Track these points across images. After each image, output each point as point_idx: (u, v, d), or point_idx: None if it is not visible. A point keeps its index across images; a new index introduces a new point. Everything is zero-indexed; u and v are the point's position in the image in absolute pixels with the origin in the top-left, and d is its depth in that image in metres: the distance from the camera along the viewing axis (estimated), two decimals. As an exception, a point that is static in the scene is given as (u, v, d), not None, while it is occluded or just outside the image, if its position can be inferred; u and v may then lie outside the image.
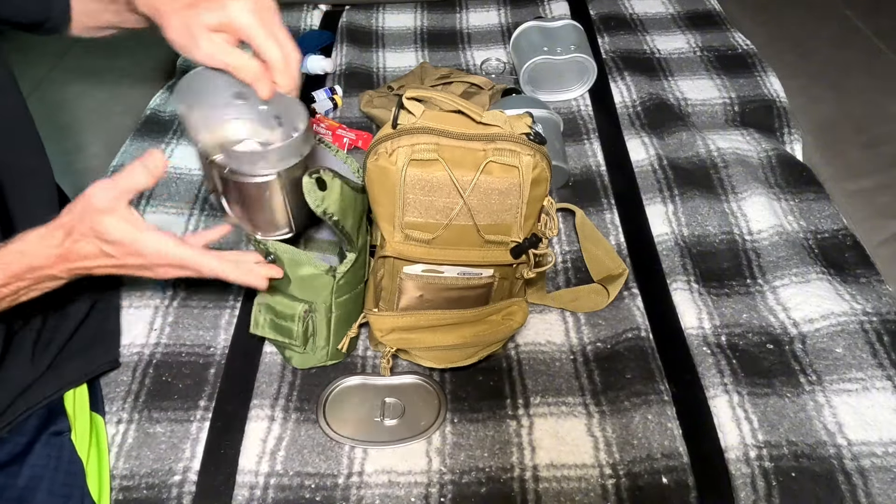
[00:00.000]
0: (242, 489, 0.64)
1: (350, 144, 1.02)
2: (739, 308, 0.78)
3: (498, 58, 1.20)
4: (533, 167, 0.60)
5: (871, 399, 0.68)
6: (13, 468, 0.60)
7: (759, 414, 0.67)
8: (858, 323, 0.73)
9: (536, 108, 0.95)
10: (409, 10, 1.35)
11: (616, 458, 0.66)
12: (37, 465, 0.60)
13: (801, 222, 0.88)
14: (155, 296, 0.80)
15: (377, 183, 0.61)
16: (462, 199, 0.59)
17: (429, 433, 0.68)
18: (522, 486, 0.64)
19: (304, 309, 0.66)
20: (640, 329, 0.76)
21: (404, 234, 0.63)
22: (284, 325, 0.66)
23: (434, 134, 0.59)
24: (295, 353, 0.71)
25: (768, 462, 0.63)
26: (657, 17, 1.29)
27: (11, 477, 0.59)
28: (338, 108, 1.11)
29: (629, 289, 0.80)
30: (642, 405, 0.69)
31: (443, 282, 0.67)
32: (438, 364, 0.71)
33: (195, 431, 0.68)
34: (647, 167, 0.96)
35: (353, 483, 0.64)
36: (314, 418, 0.69)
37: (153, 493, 0.63)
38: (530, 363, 0.74)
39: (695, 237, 0.86)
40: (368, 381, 0.73)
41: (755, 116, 1.05)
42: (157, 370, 0.73)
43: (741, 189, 0.90)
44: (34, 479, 0.60)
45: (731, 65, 1.14)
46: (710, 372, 0.71)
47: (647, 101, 1.06)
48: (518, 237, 0.64)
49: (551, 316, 0.79)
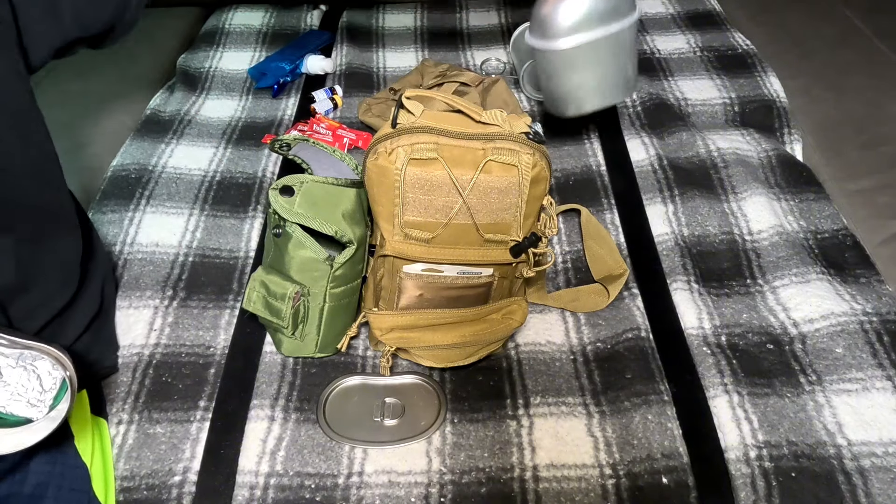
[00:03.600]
0: (242, 489, 0.64)
1: (350, 144, 1.02)
2: (739, 308, 0.78)
3: (498, 58, 1.20)
4: (532, 166, 0.60)
5: (871, 399, 0.68)
6: (18, 476, 0.59)
7: (759, 414, 0.67)
8: (858, 323, 0.73)
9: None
10: (409, 10, 1.35)
11: (616, 459, 0.66)
12: (41, 472, 0.60)
13: (801, 222, 0.88)
14: (155, 296, 0.80)
15: (377, 182, 0.61)
16: (461, 198, 0.59)
17: (429, 433, 0.68)
18: (522, 486, 0.64)
19: (294, 290, 0.66)
20: (640, 329, 0.76)
21: (404, 234, 0.63)
22: (275, 304, 0.67)
23: (433, 133, 0.59)
24: (284, 339, 0.72)
25: (768, 462, 0.63)
26: (657, 17, 1.29)
27: (17, 485, 0.59)
28: (338, 108, 1.11)
29: (629, 289, 0.80)
30: (642, 405, 0.68)
31: (442, 281, 0.67)
32: (438, 363, 0.71)
33: (195, 432, 0.68)
34: (647, 167, 0.96)
35: (353, 483, 0.64)
36: (314, 418, 0.69)
37: (153, 493, 0.63)
38: (530, 363, 0.74)
39: (695, 237, 0.86)
40: (368, 381, 0.73)
41: (755, 116, 1.05)
42: (157, 370, 0.73)
43: (741, 189, 0.90)
44: (40, 487, 0.59)
45: (731, 65, 1.14)
46: (710, 372, 0.71)
47: (648, 101, 1.06)
48: (517, 236, 0.64)
49: (551, 316, 0.79)
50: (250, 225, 0.90)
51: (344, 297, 0.71)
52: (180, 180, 0.95)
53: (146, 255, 0.84)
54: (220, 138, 1.04)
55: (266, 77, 1.14)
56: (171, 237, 0.87)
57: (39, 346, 0.48)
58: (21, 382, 0.50)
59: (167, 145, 1.01)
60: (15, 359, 0.49)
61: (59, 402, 0.51)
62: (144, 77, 1.20)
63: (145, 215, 0.89)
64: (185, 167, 0.97)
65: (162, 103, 1.13)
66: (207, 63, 1.20)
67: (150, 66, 1.23)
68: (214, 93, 1.15)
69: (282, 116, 1.09)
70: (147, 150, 1.00)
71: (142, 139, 1.02)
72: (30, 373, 0.50)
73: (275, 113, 1.10)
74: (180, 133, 1.04)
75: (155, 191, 0.93)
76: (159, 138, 1.02)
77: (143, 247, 0.85)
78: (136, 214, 0.89)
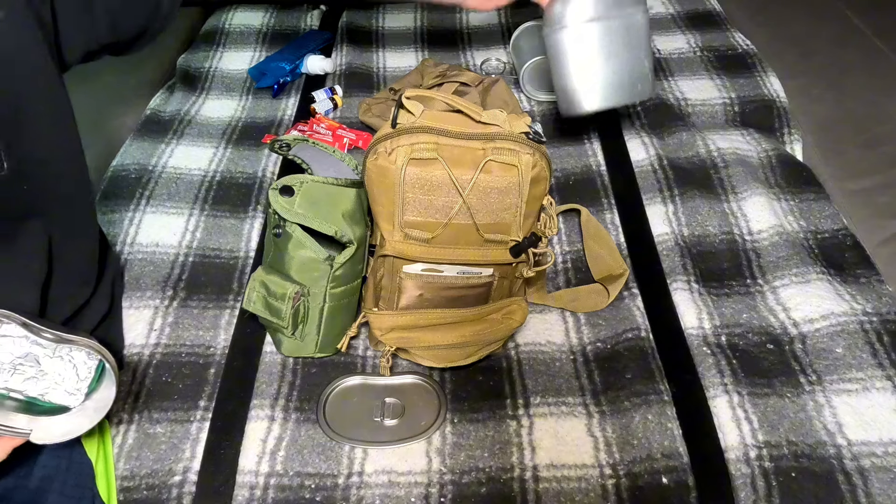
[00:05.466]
0: (242, 489, 0.64)
1: (350, 144, 1.02)
2: (739, 308, 0.78)
3: (498, 58, 1.20)
4: (532, 166, 0.60)
5: (871, 399, 0.68)
6: (24, 469, 0.59)
7: (759, 414, 0.67)
8: (858, 323, 0.73)
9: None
10: (409, 10, 1.35)
11: (616, 458, 0.66)
12: (48, 465, 0.60)
13: (801, 222, 0.88)
14: (155, 296, 0.80)
15: (377, 182, 0.61)
16: (461, 197, 0.59)
17: (429, 433, 0.68)
18: (522, 486, 0.64)
19: (294, 290, 0.67)
20: (640, 329, 0.76)
21: (404, 234, 0.63)
22: (275, 304, 0.67)
23: (433, 133, 0.59)
24: (284, 339, 0.72)
25: (768, 462, 0.63)
26: (657, 17, 1.29)
27: (23, 478, 0.59)
28: (338, 108, 1.11)
29: (629, 289, 0.80)
30: (642, 405, 0.68)
31: (442, 281, 0.67)
32: (438, 363, 0.71)
33: (195, 431, 0.68)
34: (647, 167, 0.96)
35: (353, 483, 0.64)
36: (314, 418, 0.69)
37: (153, 493, 0.63)
38: (530, 363, 0.74)
39: (695, 237, 0.86)
40: (368, 381, 0.73)
41: (755, 116, 1.05)
42: (157, 371, 0.73)
43: (741, 189, 0.90)
44: (45, 481, 0.59)
45: (731, 65, 1.14)
46: (710, 372, 0.71)
47: (647, 102, 1.06)
48: (517, 236, 0.64)
49: (551, 316, 0.79)
50: (250, 225, 0.90)
51: (344, 297, 0.71)
52: (180, 180, 0.95)
53: (146, 255, 0.84)
54: (220, 138, 1.04)
55: (266, 77, 1.14)
56: (171, 237, 0.87)
57: (79, 338, 0.50)
58: (58, 371, 0.52)
59: (167, 145, 1.01)
60: (52, 349, 0.51)
61: (95, 391, 0.53)
62: (144, 77, 1.20)
63: (145, 215, 0.89)
64: (186, 167, 0.97)
65: (162, 103, 1.13)
66: (207, 63, 1.20)
67: (150, 66, 1.23)
68: (214, 93, 1.15)
69: (282, 116, 1.09)
70: (147, 150, 1.00)
71: (142, 139, 1.02)
72: (66, 362, 0.52)
73: (275, 113, 1.10)
74: (180, 133, 1.04)
75: (155, 191, 0.93)
76: (159, 138, 1.02)
77: (144, 247, 0.85)
78: (136, 214, 0.89)
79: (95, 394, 0.53)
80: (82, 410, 0.53)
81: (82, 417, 0.53)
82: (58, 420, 0.52)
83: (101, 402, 0.53)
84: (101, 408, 0.53)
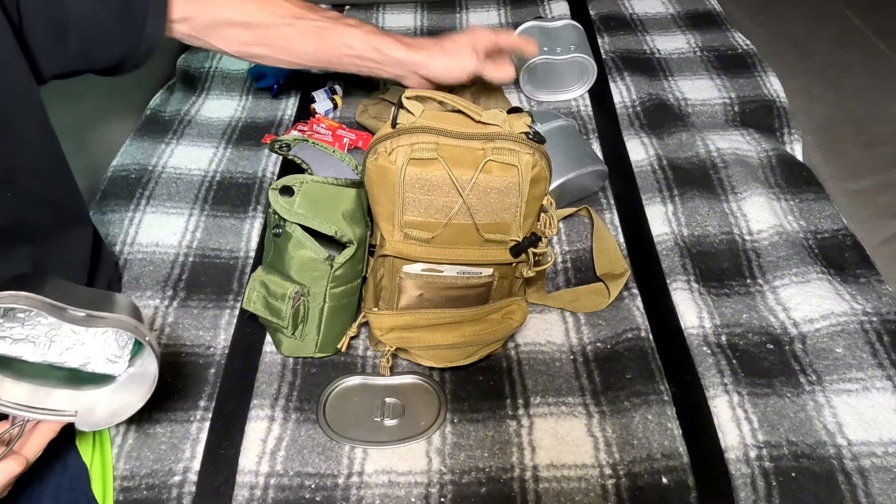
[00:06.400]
0: (242, 489, 0.64)
1: (350, 144, 1.02)
2: (739, 308, 0.78)
3: (498, 58, 1.20)
4: (532, 166, 0.60)
5: (871, 399, 0.68)
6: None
7: (759, 414, 0.67)
8: (858, 323, 0.73)
9: (546, 122, 0.94)
10: (409, 10, 1.35)
11: (616, 458, 0.66)
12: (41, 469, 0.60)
13: (801, 222, 0.88)
14: (155, 296, 0.80)
15: (376, 182, 0.61)
16: (461, 197, 0.59)
17: (429, 433, 0.68)
18: (522, 486, 0.64)
19: (294, 290, 0.67)
20: (640, 329, 0.76)
21: (404, 234, 0.63)
22: (275, 304, 0.67)
23: (433, 133, 0.59)
24: (284, 338, 0.72)
25: (768, 462, 0.63)
26: (657, 17, 1.29)
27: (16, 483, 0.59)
28: (338, 108, 1.11)
29: (629, 289, 0.80)
30: (642, 405, 0.68)
31: (442, 281, 0.67)
32: (438, 363, 0.71)
33: (195, 431, 0.68)
34: (646, 167, 0.96)
35: (353, 483, 0.64)
36: (314, 418, 0.69)
37: (153, 493, 0.63)
38: (530, 363, 0.74)
39: (695, 237, 0.86)
40: (368, 381, 0.73)
41: (755, 116, 1.05)
42: (157, 370, 0.73)
43: (741, 189, 0.90)
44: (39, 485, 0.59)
45: (731, 65, 1.14)
46: (710, 372, 0.71)
47: (647, 102, 1.06)
48: (517, 236, 0.64)
49: (551, 316, 0.79)
50: (250, 225, 0.90)
51: (344, 297, 0.71)
52: (180, 180, 0.95)
53: (146, 255, 0.84)
54: (220, 138, 1.04)
55: (266, 77, 1.14)
56: (171, 237, 0.87)
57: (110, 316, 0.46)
58: (97, 342, 0.50)
59: (167, 145, 1.01)
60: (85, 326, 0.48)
61: (137, 358, 0.51)
62: (144, 77, 1.20)
63: (145, 215, 0.89)
64: (185, 167, 0.97)
65: (162, 103, 1.13)
66: (207, 63, 1.20)
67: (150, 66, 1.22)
68: (214, 93, 1.15)
69: (282, 116, 1.09)
70: (147, 150, 1.00)
71: (142, 139, 1.02)
72: (102, 331, 0.50)
73: (275, 113, 1.10)
74: (180, 133, 1.04)
75: (155, 191, 0.93)
76: (159, 138, 1.02)
77: (143, 247, 0.85)
78: (136, 214, 0.89)
79: (137, 368, 0.51)
80: (126, 387, 0.51)
81: (128, 395, 0.50)
82: (104, 398, 0.50)
83: (144, 378, 0.50)
84: (147, 385, 0.50)
